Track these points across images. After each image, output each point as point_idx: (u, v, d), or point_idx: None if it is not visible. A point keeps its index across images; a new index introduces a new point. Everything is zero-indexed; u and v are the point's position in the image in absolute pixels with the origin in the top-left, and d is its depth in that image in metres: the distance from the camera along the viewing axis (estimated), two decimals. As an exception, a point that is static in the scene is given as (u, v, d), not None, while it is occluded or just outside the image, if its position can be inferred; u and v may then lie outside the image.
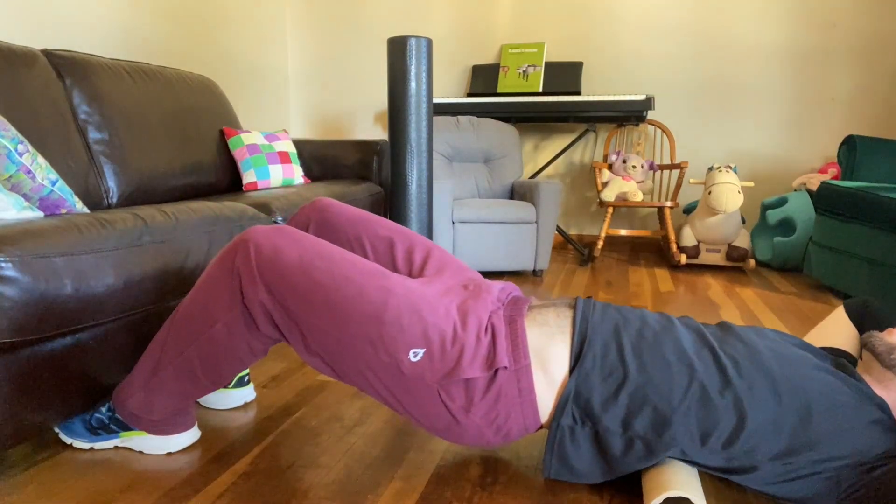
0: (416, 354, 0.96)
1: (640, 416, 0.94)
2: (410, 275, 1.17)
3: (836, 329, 1.18)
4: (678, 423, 0.93)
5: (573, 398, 0.97)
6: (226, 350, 1.04)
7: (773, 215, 3.11)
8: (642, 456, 0.95)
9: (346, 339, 0.96)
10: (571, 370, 0.98)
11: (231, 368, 1.08)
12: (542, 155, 3.77)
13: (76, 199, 1.45)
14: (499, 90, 3.52)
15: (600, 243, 3.19)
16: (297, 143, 2.83)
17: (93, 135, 1.86)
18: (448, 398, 0.97)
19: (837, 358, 1.03)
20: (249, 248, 0.99)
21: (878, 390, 0.97)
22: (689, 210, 3.42)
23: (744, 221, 3.15)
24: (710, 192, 2.92)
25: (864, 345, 1.01)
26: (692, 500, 0.92)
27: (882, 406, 0.93)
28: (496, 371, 0.97)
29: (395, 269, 1.19)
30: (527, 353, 0.98)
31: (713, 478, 1.11)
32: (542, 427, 1.03)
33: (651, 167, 3.28)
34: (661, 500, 0.92)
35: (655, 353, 0.97)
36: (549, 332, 1.01)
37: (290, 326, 1.00)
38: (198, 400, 1.39)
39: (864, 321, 1.17)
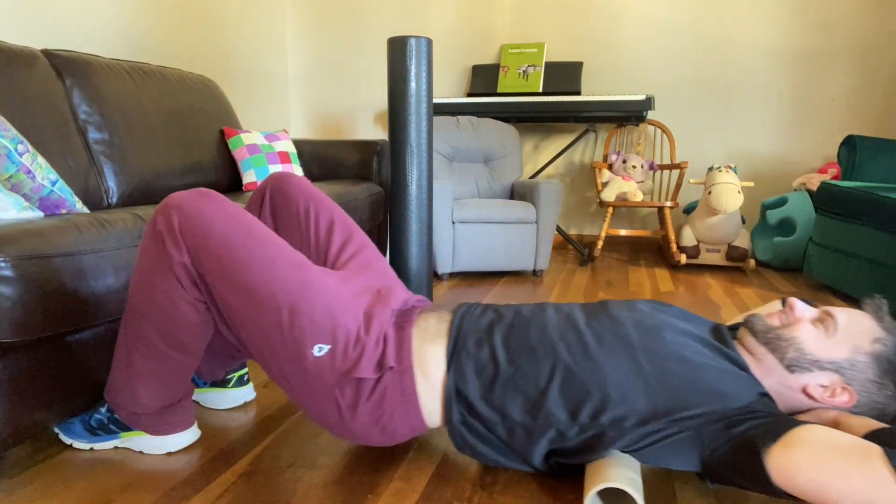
0: (320, 349, 0.99)
1: (514, 404, 0.99)
2: (336, 262, 1.20)
3: (763, 311, 1.24)
4: (549, 404, 0.97)
5: (455, 396, 1.02)
6: (174, 316, 1.04)
7: (773, 215, 3.11)
8: (524, 440, 1.00)
9: (256, 321, 0.99)
10: (448, 370, 1.03)
11: (191, 335, 1.07)
12: (542, 155, 3.77)
13: (76, 199, 1.45)
14: (499, 90, 3.52)
15: (600, 243, 3.19)
16: (297, 143, 2.83)
17: (93, 135, 1.86)
18: (340, 395, 1.01)
19: (719, 327, 1.09)
20: (171, 210, 0.99)
21: (751, 363, 1.02)
22: (689, 210, 3.42)
23: (744, 221, 3.15)
24: (710, 192, 2.92)
25: (744, 323, 1.06)
26: (627, 490, 0.94)
27: (740, 363, 0.99)
28: (383, 373, 1.01)
29: (326, 252, 1.22)
30: (410, 355, 1.03)
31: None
32: (428, 428, 1.07)
33: (651, 167, 3.28)
34: (594, 492, 0.94)
35: (521, 343, 1.02)
36: (428, 336, 1.06)
37: (210, 295, 1.02)
38: (198, 400, 1.40)
39: None
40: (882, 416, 0.98)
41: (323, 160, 2.79)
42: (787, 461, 0.84)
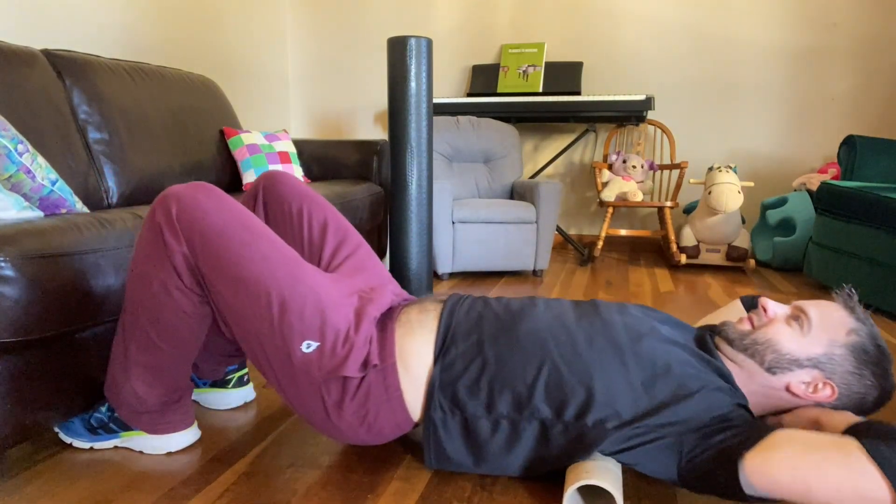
0: (308, 346, 0.99)
1: (502, 397, 0.99)
2: (330, 264, 1.20)
3: (725, 312, 1.25)
4: (536, 400, 0.98)
5: (439, 388, 1.02)
6: (170, 309, 1.04)
7: (773, 215, 3.11)
8: (508, 435, 1.00)
9: (247, 314, 0.99)
10: (435, 362, 1.03)
11: (187, 329, 1.07)
12: (542, 155, 3.77)
13: (76, 198, 1.45)
14: (499, 90, 3.52)
15: (600, 243, 3.19)
16: (297, 143, 2.83)
17: (93, 135, 1.86)
18: (326, 393, 1.01)
19: (702, 332, 1.09)
20: (170, 201, 1.00)
21: (731, 367, 1.03)
22: (689, 210, 3.42)
23: (744, 221, 3.15)
24: (710, 192, 2.92)
25: (718, 333, 1.07)
26: (606, 488, 0.94)
27: (723, 373, 0.99)
28: (367, 372, 1.01)
29: (320, 254, 1.21)
30: (392, 352, 1.03)
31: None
32: (416, 425, 1.07)
33: (651, 167, 3.28)
34: (574, 489, 0.94)
35: (511, 337, 1.02)
36: (409, 329, 1.06)
37: (205, 286, 1.03)
38: (198, 400, 1.40)
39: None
40: (862, 405, 0.99)
41: (323, 160, 2.79)
42: (763, 462, 0.84)
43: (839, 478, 0.79)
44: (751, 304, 1.22)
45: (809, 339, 0.98)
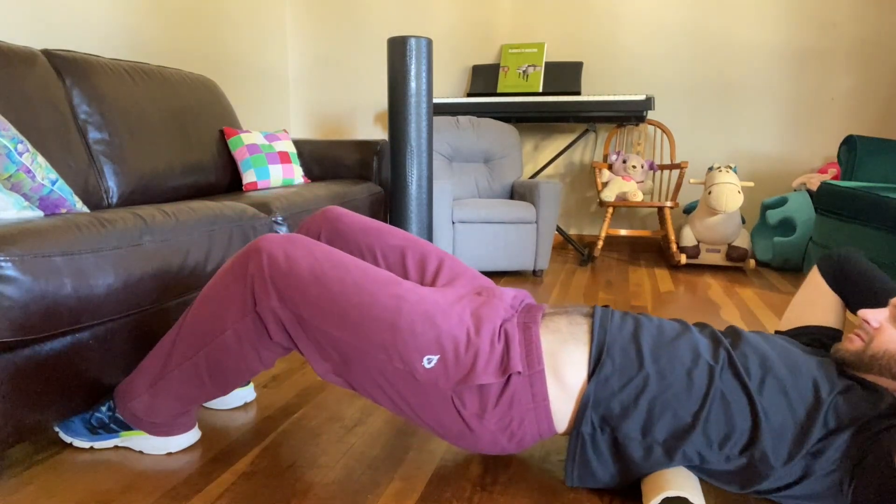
0: (430, 361, 0.96)
1: (661, 421, 0.95)
2: (423, 283, 1.17)
3: (816, 303, 1.20)
4: (699, 428, 0.93)
5: (592, 405, 0.97)
6: (235, 358, 1.05)
7: (773, 215, 3.11)
8: (661, 460, 0.96)
9: (359, 346, 0.97)
10: (589, 377, 0.98)
11: (238, 376, 1.08)
12: (542, 155, 3.77)
13: (76, 198, 1.45)
14: (499, 90, 3.52)
15: (600, 243, 3.19)
16: (297, 143, 2.83)
17: (93, 135, 1.86)
18: (461, 405, 0.97)
19: (826, 355, 1.04)
20: (262, 256, 0.99)
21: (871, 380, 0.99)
22: (689, 210, 3.42)
23: (744, 221, 3.15)
24: (710, 192, 2.92)
25: (834, 359, 1.02)
26: (690, 500, 0.92)
27: (876, 393, 0.94)
28: (510, 377, 0.97)
29: (406, 278, 1.19)
30: (541, 358, 0.99)
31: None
32: (556, 434, 1.03)
33: (651, 167, 3.28)
34: (659, 500, 0.92)
35: (674, 358, 0.97)
36: (561, 339, 1.01)
37: (302, 335, 1.00)
38: (198, 400, 1.39)
39: (845, 288, 1.17)
40: None
41: (323, 160, 2.79)
42: None
43: None
44: (833, 274, 1.17)
45: None
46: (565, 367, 0.99)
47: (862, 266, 1.16)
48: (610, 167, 3.35)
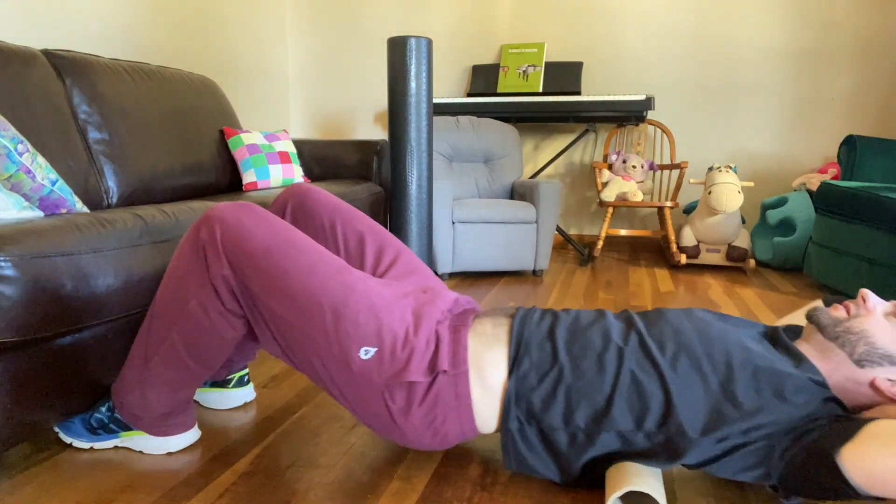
0: (367, 352, 0.98)
1: (579, 409, 0.98)
2: (375, 273, 1.19)
3: (801, 313, 1.23)
4: (614, 410, 0.96)
5: (515, 401, 1.00)
6: (206, 329, 1.04)
7: (773, 215, 3.11)
8: (586, 446, 0.98)
9: (301, 327, 0.98)
10: (510, 375, 1.01)
11: (217, 349, 1.07)
12: (542, 155, 3.77)
13: (76, 198, 1.45)
14: (499, 90, 3.52)
15: (600, 243, 3.19)
16: (297, 143, 2.83)
17: (93, 135, 1.86)
18: (390, 399, 1.00)
19: (775, 329, 1.06)
20: (214, 223, 1.00)
21: (817, 360, 0.99)
22: (689, 210, 3.43)
23: (744, 221, 3.15)
24: (710, 192, 2.92)
25: (808, 318, 1.04)
26: (651, 495, 0.93)
27: (807, 367, 0.96)
28: (436, 376, 0.99)
29: (362, 264, 1.20)
30: (466, 360, 1.01)
31: (713, 479, 1.11)
32: (479, 433, 1.06)
33: (651, 167, 3.28)
34: (620, 494, 0.93)
35: (586, 346, 1.01)
36: (485, 341, 1.04)
37: (251, 306, 1.02)
38: (198, 400, 1.39)
39: None
40: None
41: (323, 160, 2.79)
42: (860, 457, 0.82)
43: None
44: (832, 302, 1.20)
45: None
46: (488, 367, 1.02)
47: None
48: (610, 167, 3.35)
